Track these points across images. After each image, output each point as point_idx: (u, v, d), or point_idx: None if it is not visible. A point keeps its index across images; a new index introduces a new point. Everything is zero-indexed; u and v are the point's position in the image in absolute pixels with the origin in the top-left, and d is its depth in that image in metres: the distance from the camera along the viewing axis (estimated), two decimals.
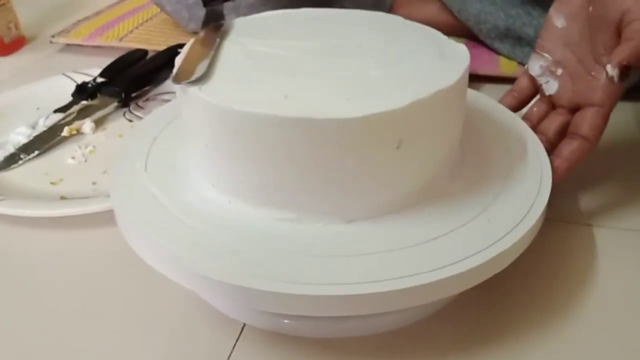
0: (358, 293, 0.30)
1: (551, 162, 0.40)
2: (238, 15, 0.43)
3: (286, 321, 0.36)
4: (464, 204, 0.36)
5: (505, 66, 0.66)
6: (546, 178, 0.38)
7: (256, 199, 0.35)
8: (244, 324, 0.37)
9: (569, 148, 0.41)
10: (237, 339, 0.36)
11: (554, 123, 0.44)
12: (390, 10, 0.72)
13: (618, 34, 0.40)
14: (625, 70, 0.40)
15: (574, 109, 0.43)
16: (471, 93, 0.47)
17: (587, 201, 0.46)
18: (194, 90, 0.33)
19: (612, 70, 0.40)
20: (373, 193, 0.34)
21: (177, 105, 0.37)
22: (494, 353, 0.35)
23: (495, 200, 0.36)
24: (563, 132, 0.43)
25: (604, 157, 0.51)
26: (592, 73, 0.42)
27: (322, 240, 0.33)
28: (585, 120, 0.41)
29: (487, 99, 0.47)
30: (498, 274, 0.33)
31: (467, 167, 0.39)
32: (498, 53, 0.68)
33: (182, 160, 0.40)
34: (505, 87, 0.49)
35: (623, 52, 0.39)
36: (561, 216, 0.44)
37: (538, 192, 0.37)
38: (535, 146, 0.41)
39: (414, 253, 0.32)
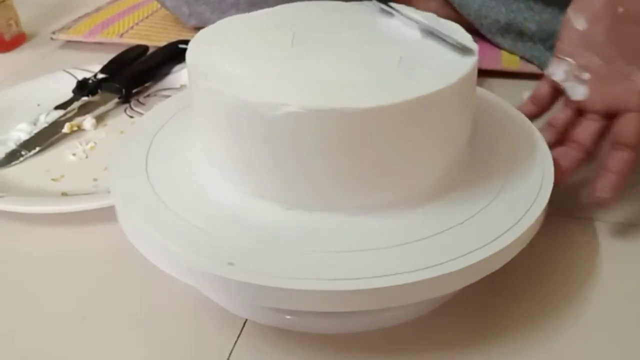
0: (360, 289, 0.30)
1: (601, 177, 0.39)
2: (239, 12, 0.43)
3: (288, 317, 0.36)
4: (466, 200, 0.36)
5: (507, 61, 0.65)
6: (548, 173, 0.38)
7: (259, 193, 0.35)
8: (246, 320, 0.37)
9: (619, 160, 0.39)
10: (239, 334, 0.36)
11: (589, 129, 0.42)
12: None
13: None
14: None
15: (608, 114, 0.42)
16: None
17: (589, 196, 0.46)
18: (214, 84, 0.33)
19: None
20: (381, 189, 0.34)
21: (190, 98, 0.37)
22: (496, 348, 0.35)
23: (497, 196, 0.36)
24: (600, 139, 0.42)
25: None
26: (632, 77, 0.40)
27: (324, 236, 0.33)
28: (630, 129, 0.40)
29: (489, 94, 0.47)
30: (500, 269, 0.33)
31: (471, 163, 0.39)
32: (500, 48, 0.68)
33: (183, 156, 0.40)
34: (508, 82, 0.49)
35: None
36: (563, 211, 0.44)
37: (540, 188, 0.37)
38: (537, 141, 0.41)
39: (416, 249, 0.32)
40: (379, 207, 0.34)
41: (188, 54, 0.37)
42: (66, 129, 0.56)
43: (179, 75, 0.64)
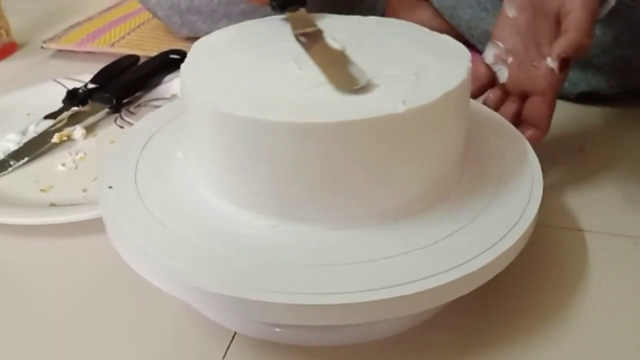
0: (349, 302, 0.29)
1: None
2: (230, 22, 0.43)
3: (277, 330, 0.36)
4: (456, 211, 0.36)
5: None
6: (537, 184, 0.38)
7: (248, 204, 0.35)
8: (235, 333, 0.37)
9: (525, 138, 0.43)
10: (228, 347, 0.36)
11: (508, 111, 0.46)
12: (382, 16, 0.72)
13: (557, 23, 0.42)
14: (565, 62, 0.42)
15: (523, 96, 0.46)
16: None
17: (578, 207, 0.46)
18: (201, 98, 0.33)
19: (552, 62, 0.42)
20: (370, 201, 0.34)
21: (182, 109, 0.37)
22: (487, 358, 0.35)
23: (487, 207, 0.36)
24: (518, 118, 0.46)
25: (595, 163, 0.51)
26: (534, 63, 0.44)
27: (313, 250, 0.33)
28: (533, 110, 0.44)
29: (479, 105, 0.47)
30: (491, 280, 0.33)
31: (462, 175, 0.39)
32: None
33: (173, 167, 0.39)
34: None
35: (560, 45, 0.41)
36: (553, 222, 0.44)
37: (529, 199, 0.37)
38: (526, 152, 0.41)
39: (404, 262, 0.32)
40: (367, 220, 0.34)
41: (183, 66, 0.37)
42: (55, 139, 0.55)
43: (170, 85, 0.64)
